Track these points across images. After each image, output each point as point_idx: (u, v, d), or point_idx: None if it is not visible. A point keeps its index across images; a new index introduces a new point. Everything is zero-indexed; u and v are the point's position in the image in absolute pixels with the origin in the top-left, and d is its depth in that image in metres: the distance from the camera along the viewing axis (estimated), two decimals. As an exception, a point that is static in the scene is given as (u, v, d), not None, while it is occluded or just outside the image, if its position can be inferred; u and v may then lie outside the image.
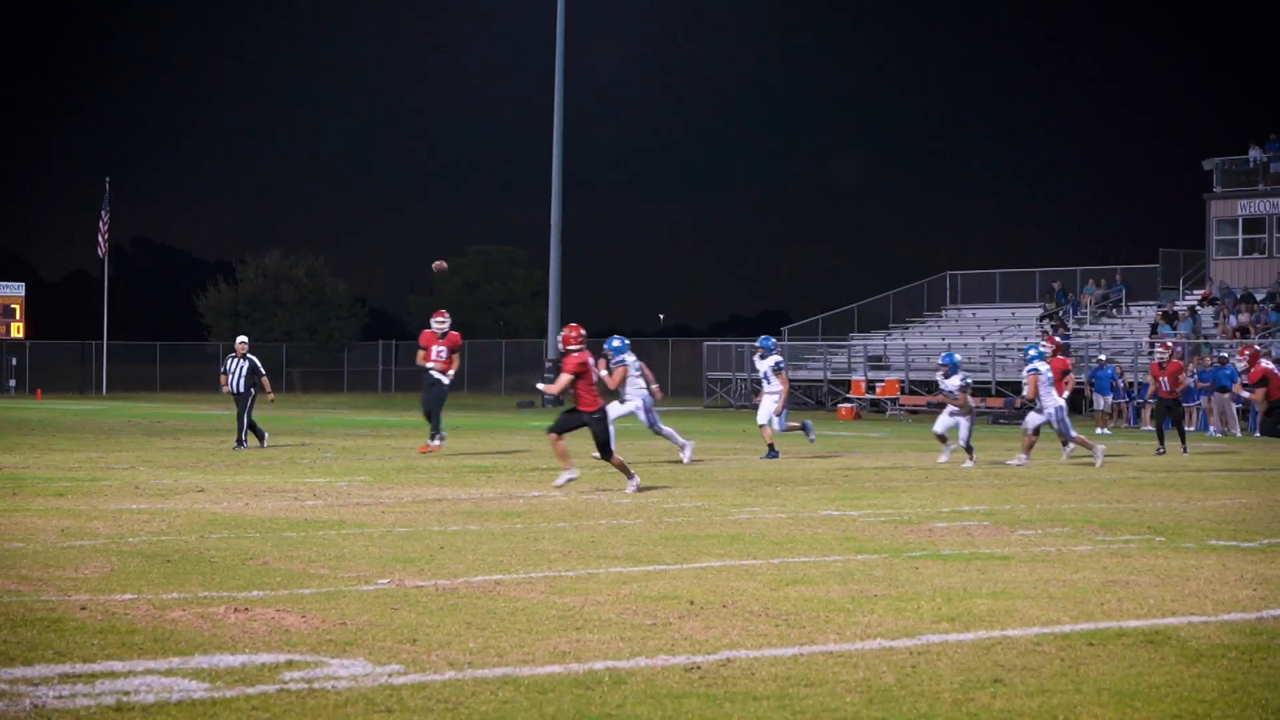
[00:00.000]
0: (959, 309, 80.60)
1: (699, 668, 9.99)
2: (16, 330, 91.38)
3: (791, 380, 57.51)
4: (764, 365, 32.57)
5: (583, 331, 23.73)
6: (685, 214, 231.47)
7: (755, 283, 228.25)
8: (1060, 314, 72.34)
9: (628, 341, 29.35)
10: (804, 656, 10.41)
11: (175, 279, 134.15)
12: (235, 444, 33.79)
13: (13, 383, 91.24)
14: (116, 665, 9.82)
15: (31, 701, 8.77)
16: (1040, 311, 74.11)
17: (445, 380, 32.46)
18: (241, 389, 34.35)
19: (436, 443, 32.03)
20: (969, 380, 28.69)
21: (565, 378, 23.37)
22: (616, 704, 8.97)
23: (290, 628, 11.32)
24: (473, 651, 10.48)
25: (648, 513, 20.09)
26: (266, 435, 34.24)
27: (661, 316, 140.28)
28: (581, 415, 23.46)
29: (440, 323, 32.65)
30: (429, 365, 32.32)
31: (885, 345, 76.07)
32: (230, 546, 16.05)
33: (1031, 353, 31.53)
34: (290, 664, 9.94)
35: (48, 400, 76.30)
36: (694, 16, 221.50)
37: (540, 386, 29.25)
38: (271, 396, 35.87)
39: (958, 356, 31.89)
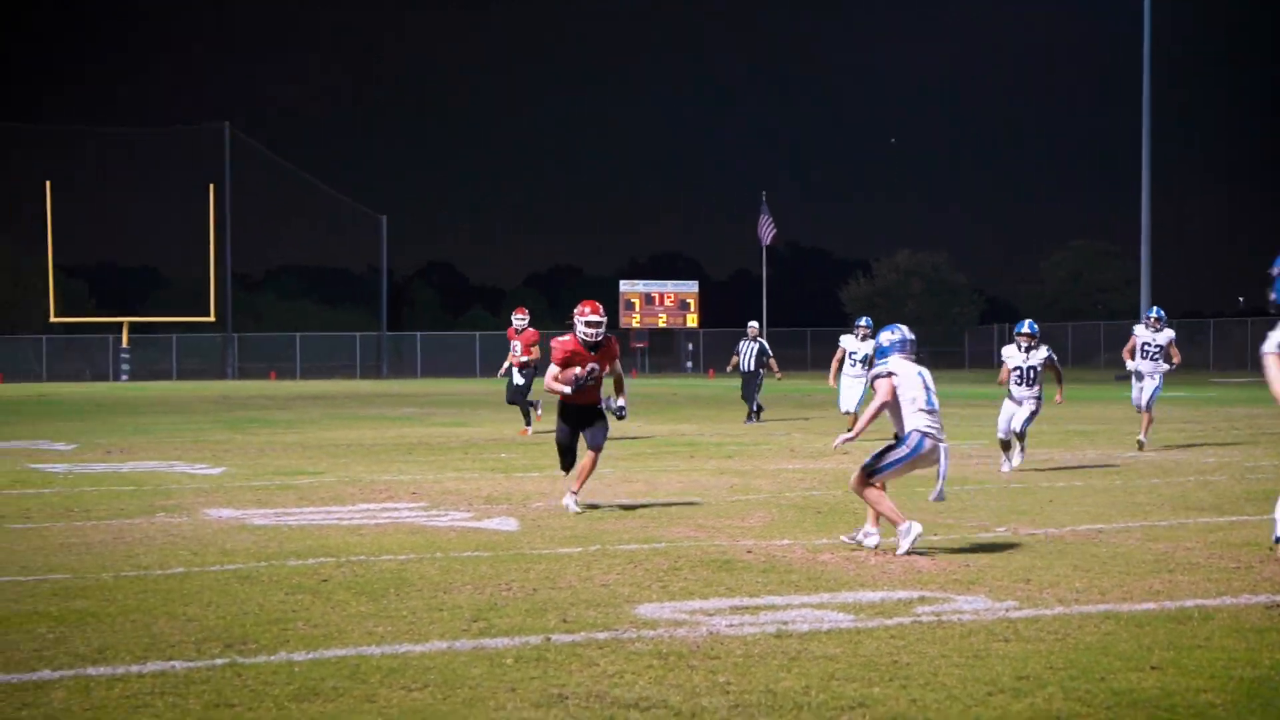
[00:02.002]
0: None
1: (1279, 606, 9.68)
2: (691, 320, 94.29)
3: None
4: None
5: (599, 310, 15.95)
6: (1266, 198, 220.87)
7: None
8: None
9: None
10: (1378, 597, 9.99)
11: (821, 275, 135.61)
12: (747, 418, 32.38)
13: (689, 364, 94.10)
14: (776, 600, 10.07)
15: (707, 629, 9.06)
16: None
17: (521, 374, 28.49)
18: (751, 368, 33.09)
19: (528, 428, 28.32)
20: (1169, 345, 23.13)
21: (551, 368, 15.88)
22: (1205, 636, 8.77)
23: (922, 569, 11.40)
24: (1078, 590, 10.38)
25: (1231, 470, 19.49)
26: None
27: (1241, 299, 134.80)
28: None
29: (520, 319, 29.04)
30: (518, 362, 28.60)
31: None
32: (870, 500, 16.25)
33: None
34: (922, 600, 10.03)
35: (718, 380, 78.13)
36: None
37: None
38: (779, 375, 34.65)
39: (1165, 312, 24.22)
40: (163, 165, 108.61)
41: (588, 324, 15.60)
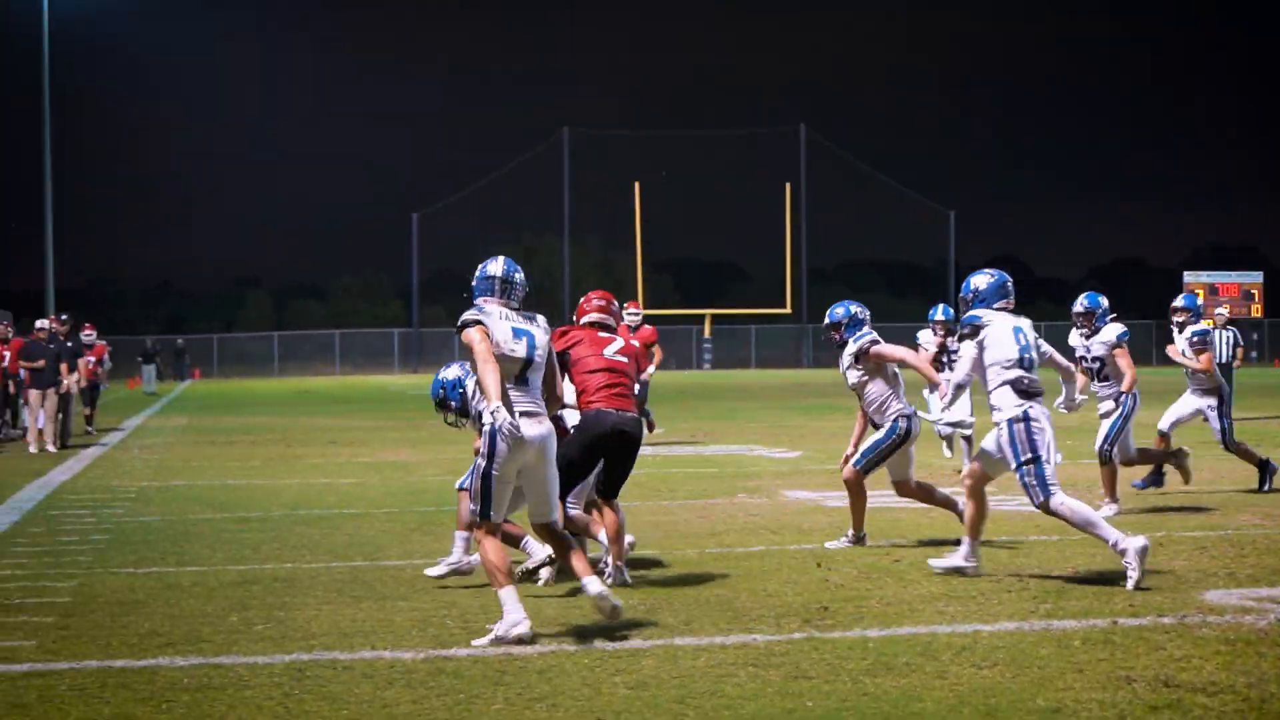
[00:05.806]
0: None
1: None
2: (1255, 311, 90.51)
3: None
4: None
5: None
6: None
7: None
8: None
9: None
10: None
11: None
12: None
13: (1254, 355, 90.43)
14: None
15: (1276, 616, 8.73)
16: None
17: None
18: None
19: None
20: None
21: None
22: None
23: None
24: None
25: None
26: None
27: None
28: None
29: (633, 314, 22.14)
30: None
31: None
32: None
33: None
34: None
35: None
36: None
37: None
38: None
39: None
40: (742, 165, 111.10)
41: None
